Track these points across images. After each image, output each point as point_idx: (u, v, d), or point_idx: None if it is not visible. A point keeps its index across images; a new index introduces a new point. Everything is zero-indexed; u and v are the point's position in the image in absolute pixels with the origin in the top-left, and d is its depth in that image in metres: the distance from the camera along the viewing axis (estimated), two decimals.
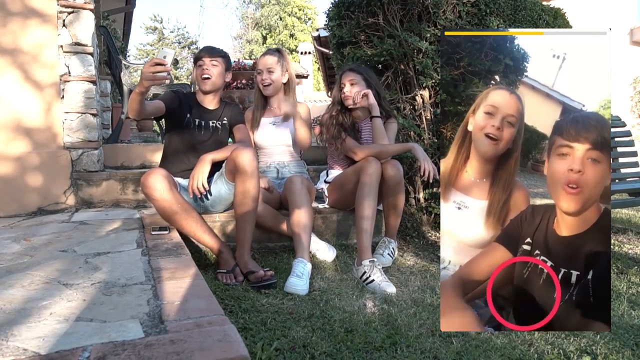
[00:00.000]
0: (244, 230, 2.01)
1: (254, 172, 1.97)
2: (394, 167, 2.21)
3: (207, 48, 2.34)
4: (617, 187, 2.93)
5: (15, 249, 1.77)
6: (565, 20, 3.52)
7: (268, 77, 2.42)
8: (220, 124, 2.36)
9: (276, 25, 26.82)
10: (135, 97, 1.89)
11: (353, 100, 2.39)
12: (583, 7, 8.57)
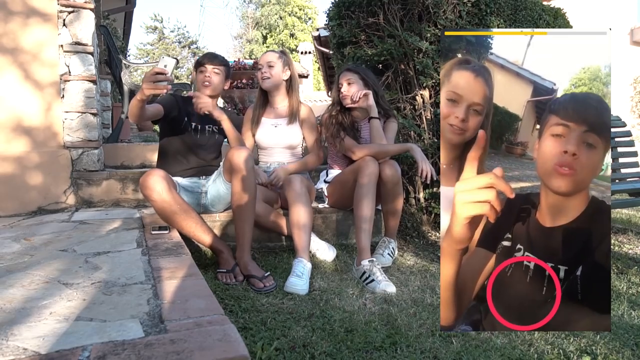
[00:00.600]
0: (243, 230, 2.01)
1: (250, 171, 1.98)
2: (392, 167, 2.21)
3: (210, 55, 2.36)
4: (617, 187, 2.93)
5: (15, 249, 1.77)
6: (565, 20, 3.52)
7: (268, 71, 2.42)
8: (217, 128, 2.37)
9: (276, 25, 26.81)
10: (136, 103, 1.91)
11: (351, 99, 2.39)
12: (583, 7, 8.57)
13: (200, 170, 2.31)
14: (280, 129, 2.49)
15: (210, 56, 2.35)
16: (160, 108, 2.19)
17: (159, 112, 2.20)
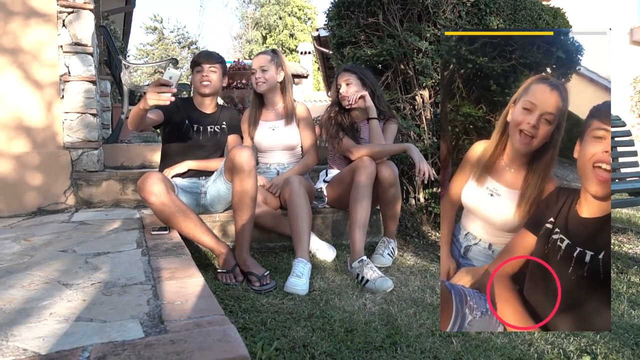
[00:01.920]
0: (243, 230, 2.01)
1: (252, 171, 1.98)
2: (389, 168, 2.21)
3: (205, 54, 2.37)
4: (617, 187, 2.93)
5: (15, 249, 1.77)
6: (565, 20, 3.51)
7: (261, 76, 2.41)
8: (219, 128, 2.39)
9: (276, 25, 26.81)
10: (137, 112, 1.90)
11: (348, 101, 2.39)
12: (583, 7, 8.57)
13: (200, 170, 2.31)
14: (277, 130, 2.48)
15: (206, 55, 2.35)
16: (160, 114, 2.20)
17: (159, 119, 2.21)
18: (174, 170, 2.26)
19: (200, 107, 2.38)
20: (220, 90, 2.41)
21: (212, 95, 2.37)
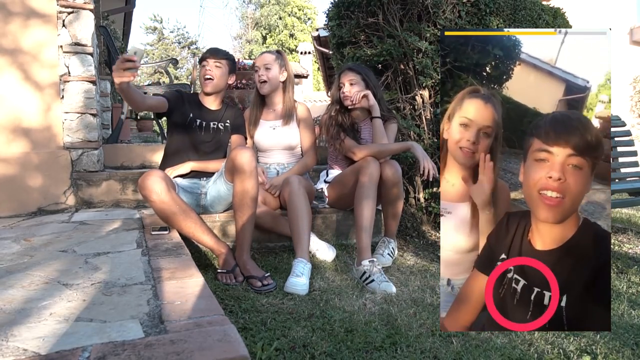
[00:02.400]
0: (244, 231, 2.01)
1: (253, 172, 1.98)
2: (392, 167, 2.21)
3: (212, 49, 2.35)
4: (617, 186, 2.93)
5: (15, 249, 1.77)
6: (565, 20, 3.51)
7: (265, 74, 2.41)
8: (222, 125, 2.38)
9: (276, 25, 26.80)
10: (123, 94, 1.92)
11: (352, 101, 2.39)
12: (583, 7, 8.57)
13: (201, 171, 2.31)
14: (278, 130, 2.49)
15: (212, 50, 2.34)
16: (164, 101, 2.20)
17: (163, 105, 2.20)
18: (176, 170, 2.26)
19: (204, 103, 2.37)
20: (225, 88, 2.39)
21: (216, 92, 2.36)
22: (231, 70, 2.36)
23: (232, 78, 2.38)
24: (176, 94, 2.32)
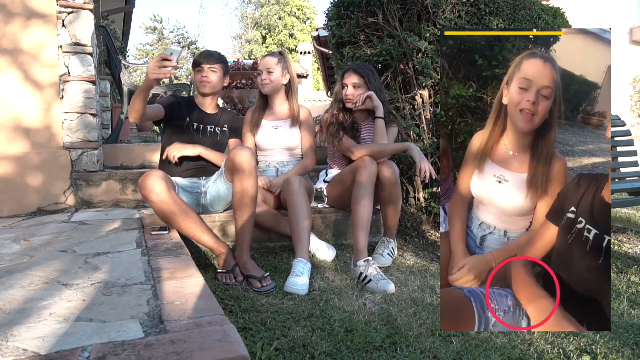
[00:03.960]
0: (244, 230, 2.01)
1: (252, 171, 1.98)
2: (390, 168, 2.21)
3: (206, 54, 2.36)
4: (617, 186, 2.93)
5: (15, 250, 1.77)
6: (565, 20, 3.51)
7: (267, 78, 2.43)
8: (220, 130, 2.40)
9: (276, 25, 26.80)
10: (140, 94, 1.92)
11: (354, 104, 2.40)
12: (583, 6, 8.57)
13: (201, 170, 2.31)
14: (280, 131, 2.49)
15: (207, 55, 2.35)
16: (161, 108, 2.21)
17: (160, 113, 2.21)
18: (185, 150, 2.24)
19: (201, 107, 2.39)
20: (221, 90, 2.41)
21: (213, 95, 2.38)
22: (225, 73, 2.38)
23: (227, 80, 2.41)
24: (171, 99, 2.33)
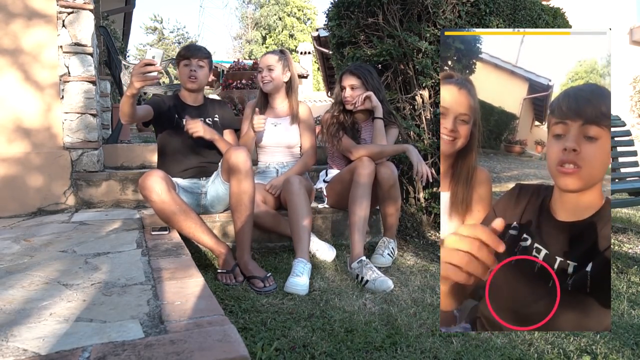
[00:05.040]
0: (243, 231, 2.01)
1: (248, 171, 1.98)
2: (388, 168, 2.21)
3: (194, 47, 2.33)
4: (617, 186, 2.93)
5: (15, 250, 1.77)
6: (564, 20, 3.51)
7: (268, 75, 2.43)
8: (210, 120, 2.36)
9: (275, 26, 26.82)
10: (127, 100, 1.92)
11: (353, 105, 2.40)
12: (583, 6, 8.57)
13: (200, 170, 2.30)
14: (279, 128, 2.49)
15: (194, 49, 2.32)
16: (149, 108, 2.21)
17: (149, 113, 2.21)
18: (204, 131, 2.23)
19: (187, 101, 2.37)
20: (205, 85, 2.41)
21: (198, 91, 2.37)
22: (210, 68, 2.38)
23: (211, 75, 2.40)
24: (156, 99, 2.33)
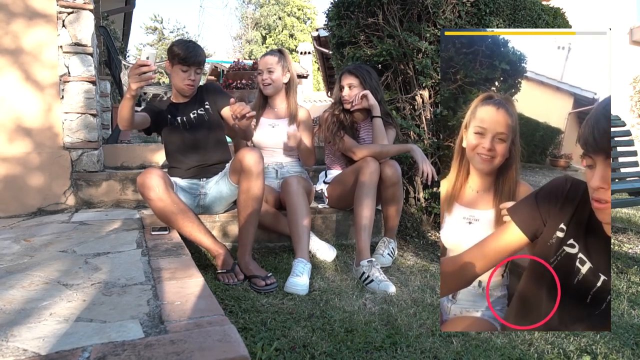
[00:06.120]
0: (247, 231, 2.01)
1: (260, 174, 1.97)
2: (392, 167, 2.21)
3: (193, 53, 2.19)
4: (617, 186, 2.93)
5: (15, 250, 1.77)
6: (564, 20, 3.51)
7: (268, 77, 2.42)
8: (202, 109, 2.28)
9: (275, 25, 26.82)
10: (126, 103, 1.92)
11: (351, 104, 2.40)
12: (583, 6, 8.56)
13: (201, 170, 2.29)
14: (278, 129, 2.49)
15: (194, 54, 2.19)
16: (146, 116, 2.20)
17: (146, 119, 2.20)
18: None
19: (177, 100, 2.31)
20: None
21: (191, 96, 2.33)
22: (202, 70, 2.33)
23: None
24: (149, 105, 2.32)
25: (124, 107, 1.93)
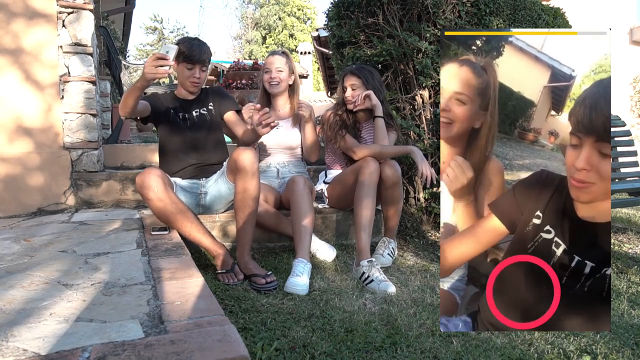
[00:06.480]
0: (245, 231, 2.01)
1: (255, 172, 1.98)
2: (392, 167, 2.21)
3: (199, 51, 2.20)
4: (617, 186, 2.93)
5: (15, 250, 1.77)
6: (564, 20, 3.51)
7: (277, 76, 2.43)
8: (205, 109, 2.31)
9: (275, 25, 26.81)
10: (134, 91, 1.92)
11: (354, 105, 2.40)
12: (583, 6, 8.57)
13: (200, 170, 2.29)
14: (281, 129, 2.49)
15: (200, 52, 2.21)
16: (147, 104, 2.20)
17: (147, 108, 2.20)
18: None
19: (181, 97, 2.32)
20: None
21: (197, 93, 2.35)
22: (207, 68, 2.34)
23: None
24: (152, 96, 2.32)
25: (130, 95, 1.93)
